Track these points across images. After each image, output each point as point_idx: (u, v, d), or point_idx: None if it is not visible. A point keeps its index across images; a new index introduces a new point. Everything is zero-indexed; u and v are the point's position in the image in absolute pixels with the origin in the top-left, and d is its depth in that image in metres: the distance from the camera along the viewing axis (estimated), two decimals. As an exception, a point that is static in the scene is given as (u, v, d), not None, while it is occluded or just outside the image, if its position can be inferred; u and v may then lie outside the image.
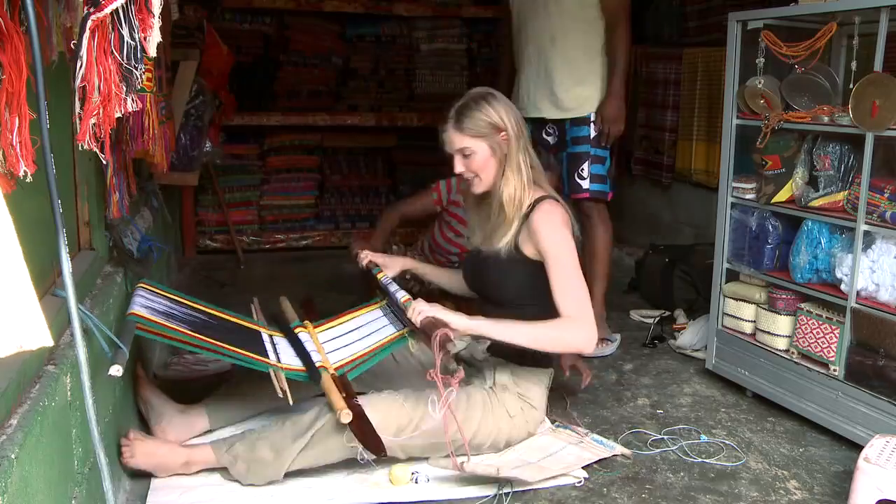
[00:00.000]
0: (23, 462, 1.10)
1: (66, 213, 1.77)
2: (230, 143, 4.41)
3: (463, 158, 2.08)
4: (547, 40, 2.89)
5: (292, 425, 1.92)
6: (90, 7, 0.99)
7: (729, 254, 2.64)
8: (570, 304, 1.97)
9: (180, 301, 2.07)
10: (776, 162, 2.41)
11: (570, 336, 1.97)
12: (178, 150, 3.01)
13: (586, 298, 2.00)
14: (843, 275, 2.23)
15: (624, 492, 1.98)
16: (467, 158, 2.07)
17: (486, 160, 2.07)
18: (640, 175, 4.80)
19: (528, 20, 2.91)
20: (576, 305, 1.97)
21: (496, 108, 2.05)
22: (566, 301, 1.97)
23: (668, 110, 4.38)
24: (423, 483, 1.95)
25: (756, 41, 2.43)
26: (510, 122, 2.05)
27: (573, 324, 1.96)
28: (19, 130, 0.96)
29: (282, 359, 2.02)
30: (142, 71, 1.08)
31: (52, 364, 1.38)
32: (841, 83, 2.49)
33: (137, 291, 1.97)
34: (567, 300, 1.97)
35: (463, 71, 4.87)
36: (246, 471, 1.89)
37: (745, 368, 2.59)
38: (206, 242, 4.52)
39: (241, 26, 4.53)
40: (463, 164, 2.08)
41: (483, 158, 2.06)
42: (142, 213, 2.71)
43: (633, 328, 3.37)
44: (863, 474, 1.77)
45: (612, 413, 2.47)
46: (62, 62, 1.23)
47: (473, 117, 2.04)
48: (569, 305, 1.97)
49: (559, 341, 1.99)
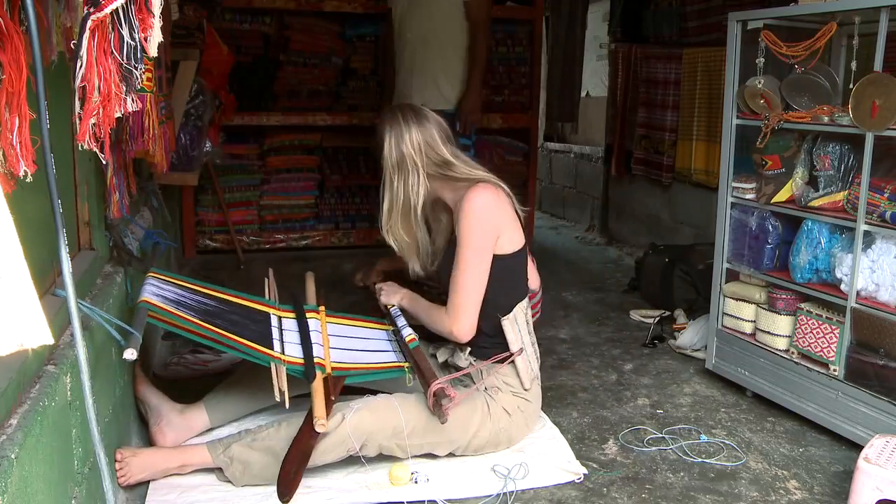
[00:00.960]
0: (23, 462, 1.10)
1: (66, 212, 1.77)
2: (230, 143, 4.41)
3: None
4: (424, 41, 3.34)
5: (287, 427, 1.92)
6: (90, 7, 0.99)
7: (729, 254, 2.64)
8: (451, 293, 2.07)
9: (191, 287, 2.09)
10: (776, 162, 2.41)
11: (439, 326, 2.12)
12: (178, 150, 3.00)
13: (465, 291, 2.05)
14: (842, 275, 2.22)
15: (624, 492, 1.98)
16: None
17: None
18: (640, 175, 4.80)
19: (408, 27, 3.32)
20: (453, 296, 2.06)
21: (382, 137, 2.13)
22: (450, 290, 2.08)
23: (668, 110, 4.38)
24: (423, 483, 1.95)
25: (756, 41, 2.43)
26: (388, 147, 2.11)
27: (444, 314, 2.09)
28: (19, 130, 0.96)
29: (286, 349, 2.02)
30: (142, 71, 1.08)
31: (52, 364, 1.38)
32: (841, 83, 2.49)
33: (147, 280, 1.98)
34: (450, 289, 2.07)
35: (463, 71, 4.87)
36: (241, 473, 1.90)
37: (745, 368, 2.59)
38: (206, 242, 4.52)
39: (241, 26, 4.52)
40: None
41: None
42: (142, 212, 2.71)
43: (633, 328, 3.37)
44: (863, 474, 1.77)
45: (612, 413, 2.47)
46: (62, 62, 1.23)
47: (379, 149, 2.14)
48: (450, 295, 2.08)
49: (432, 325, 2.15)
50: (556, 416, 2.41)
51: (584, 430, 2.35)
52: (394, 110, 2.18)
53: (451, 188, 2.14)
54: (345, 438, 1.89)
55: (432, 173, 2.11)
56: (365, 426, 1.92)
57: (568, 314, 3.58)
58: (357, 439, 1.90)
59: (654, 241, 4.36)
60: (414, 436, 1.97)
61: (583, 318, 3.52)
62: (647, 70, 4.58)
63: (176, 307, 1.91)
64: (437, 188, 2.15)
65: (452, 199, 2.15)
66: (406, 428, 1.95)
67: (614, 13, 5.10)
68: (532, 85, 5.01)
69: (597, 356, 3.01)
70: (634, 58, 4.75)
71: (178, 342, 2.93)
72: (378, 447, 1.95)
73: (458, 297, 2.06)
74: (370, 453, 1.95)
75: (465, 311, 2.06)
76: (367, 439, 1.93)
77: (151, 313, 1.82)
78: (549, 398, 2.56)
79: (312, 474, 1.96)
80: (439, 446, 2.03)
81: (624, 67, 4.85)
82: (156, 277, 2.02)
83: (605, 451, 2.21)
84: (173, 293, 1.99)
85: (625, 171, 4.98)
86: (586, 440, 2.28)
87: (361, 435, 1.91)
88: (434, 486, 1.95)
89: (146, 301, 1.84)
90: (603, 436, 2.30)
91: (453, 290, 2.06)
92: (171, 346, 2.91)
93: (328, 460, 1.92)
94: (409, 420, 1.96)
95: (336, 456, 1.91)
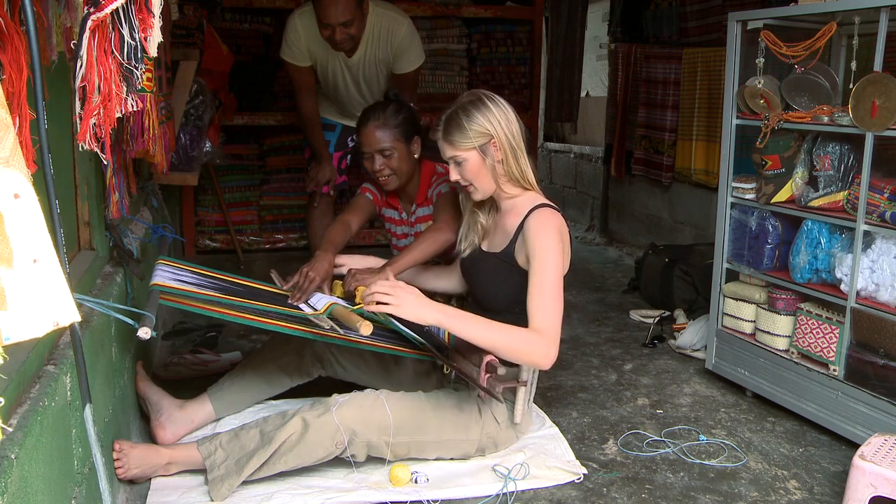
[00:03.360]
0: (23, 462, 1.10)
1: (66, 212, 1.77)
2: (230, 143, 4.41)
3: (456, 166, 2.04)
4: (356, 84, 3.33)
5: (276, 417, 1.93)
6: (90, 7, 0.99)
7: (729, 254, 2.64)
8: (540, 315, 1.87)
9: (202, 272, 2.09)
10: (776, 162, 2.41)
11: (528, 348, 1.84)
12: (178, 150, 3.00)
13: (557, 315, 1.89)
14: (842, 275, 2.23)
15: (624, 492, 1.98)
16: (459, 166, 2.03)
17: (477, 168, 2.01)
18: (640, 175, 4.80)
19: (340, 79, 3.30)
20: (544, 318, 1.86)
21: (485, 114, 1.97)
22: (537, 312, 1.88)
23: (668, 110, 4.38)
24: (423, 483, 1.95)
25: (756, 41, 2.43)
26: (500, 129, 1.98)
27: (536, 336, 1.85)
28: (19, 130, 0.96)
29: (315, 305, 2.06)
30: (142, 71, 1.08)
31: (52, 364, 1.38)
32: (841, 83, 2.49)
33: (158, 266, 1.99)
34: (537, 311, 1.88)
35: (463, 71, 4.86)
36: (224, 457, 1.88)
37: (744, 368, 2.59)
38: (205, 242, 4.53)
39: (241, 26, 4.51)
40: (457, 172, 2.05)
41: (474, 167, 2.00)
42: (142, 213, 2.71)
43: (633, 328, 3.37)
44: (857, 471, 1.77)
45: (612, 413, 2.47)
46: (62, 62, 1.23)
47: (460, 126, 1.98)
48: (538, 317, 1.87)
49: (516, 351, 1.86)
50: (556, 416, 2.41)
51: (584, 430, 2.35)
52: (485, 100, 2.02)
53: (516, 193, 2.07)
54: (333, 431, 1.88)
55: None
56: (352, 419, 1.90)
57: (568, 314, 3.58)
58: (345, 431, 1.89)
59: (654, 241, 4.37)
60: (401, 433, 1.95)
61: (583, 318, 3.52)
62: (647, 70, 4.58)
63: (188, 286, 1.91)
64: (503, 183, 2.05)
65: (512, 204, 2.07)
66: (393, 424, 1.94)
67: (614, 13, 5.10)
68: (532, 85, 5.01)
69: (597, 356, 3.01)
70: (634, 58, 4.75)
71: (179, 342, 2.93)
72: (366, 445, 1.93)
73: (551, 319, 1.87)
74: (359, 454, 1.93)
75: (558, 333, 1.88)
76: (354, 435, 1.90)
77: (164, 295, 1.82)
78: (549, 398, 2.56)
79: (312, 474, 1.96)
80: (427, 446, 2.01)
81: (624, 67, 4.85)
82: (166, 264, 2.03)
83: (605, 451, 2.21)
84: (186, 274, 2.00)
85: (625, 171, 4.98)
86: (586, 440, 2.28)
87: (348, 428, 1.89)
88: (434, 486, 1.95)
89: (158, 284, 1.85)
90: (603, 436, 2.30)
91: (544, 312, 1.87)
92: (171, 346, 2.91)
93: (320, 455, 1.90)
94: (397, 417, 1.95)
95: (326, 451, 1.89)
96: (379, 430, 1.94)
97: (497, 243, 2.11)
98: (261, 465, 1.85)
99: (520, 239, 2.02)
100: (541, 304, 1.88)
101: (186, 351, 2.79)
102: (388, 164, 2.42)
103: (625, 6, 4.95)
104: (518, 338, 1.84)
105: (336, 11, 2.88)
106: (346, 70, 3.23)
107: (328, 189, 3.47)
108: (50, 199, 1.06)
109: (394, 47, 3.15)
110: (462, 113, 1.99)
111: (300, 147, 4.72)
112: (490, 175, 2.02)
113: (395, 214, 2.65)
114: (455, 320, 1.85)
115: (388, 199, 2.64)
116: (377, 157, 2.43)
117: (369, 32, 3.11)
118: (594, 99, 6.55)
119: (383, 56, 3.18)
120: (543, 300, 1.88)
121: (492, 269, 2.09)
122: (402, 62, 3.19)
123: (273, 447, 1.85)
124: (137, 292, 2.18)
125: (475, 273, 2.17)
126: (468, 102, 2.01)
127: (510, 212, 2.08)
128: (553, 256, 1.92)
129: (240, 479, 1.84)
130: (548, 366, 1.86)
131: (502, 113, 2.00)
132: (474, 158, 2.00)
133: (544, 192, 2.12)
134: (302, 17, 3.10)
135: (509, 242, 2.04)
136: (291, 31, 3.14)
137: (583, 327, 3.39)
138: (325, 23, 2.93)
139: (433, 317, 1.82)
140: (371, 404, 1.95)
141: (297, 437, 1.86)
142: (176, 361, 2.70)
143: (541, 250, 1.92)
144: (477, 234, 2.17)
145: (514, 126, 2.02)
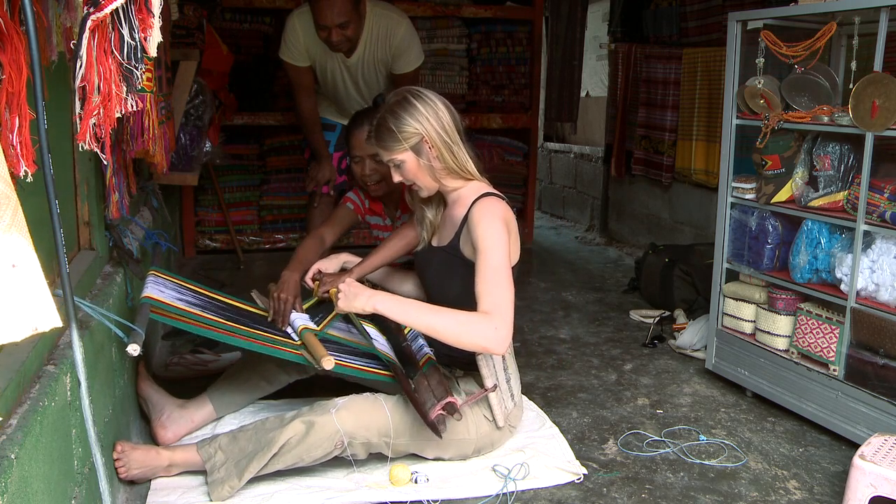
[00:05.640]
0: (23, 462, 1.10)
1: (66, 212, 1.77)
2: (230, 143, 4.41)
3: (395, 168, 2.03)
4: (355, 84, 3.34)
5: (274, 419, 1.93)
6: (90, 7, 0.99)
7: (729, 254, 2.64)
8: (486, 297, 1.81)
9: (190, 287, 2.11)
10: (776, 162, 2.41)
11: (477, 331, 1.77)
12: (178, 150, 3.00)
13: (505, 297, 1.82)
14: (842, 275, 2.23)
15: (624, 492, 1.98)
16: (398, 168, 2.02)
17: (415, 168, 1.99)
18: (640, 175, 4.80)
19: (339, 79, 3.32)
20: (490, 300, 1.80)
21: (413, 115, 1.95)
22: (483, 294, 1.82)
23: (667, 110, 4.38)
24: (423, 483, 1.95)
25: (756, 41, 2.43)
26: (429, 126, 1.95)
27: (480, 317, 1.78)
28: (19, 130, 0.96)
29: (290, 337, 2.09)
30: (142, 71, 1.08)
31: (51, 364, 1.38)
32: (841, 83, 2.49)
33: (149, 277, 2.00)
34: (483, 293, 1.82)
35: (463, 71, 4.87)
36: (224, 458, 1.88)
37: (744, 368, 2.59)
38: (205, 242, 4.53)
39: (241, 26, 4.52)
40: (397, 173, 2.04)
41: (412, 167, 1.99)
42: (142, 212, 2.71)
43: (633, 328, 3.37)
44: (857, 471, 1.77)
45: (611, 413, 2.47)
46: (62, 62, 1.23)
47: (390, 130, 1.96)
48: (484, 299, 1.81)
49: (465, 335, 1.79)
50: (556, 416, 2.41)
51: (584, 430, 2.35)
52: (412, 100, 1.99)
53: (458, 184, 2.06)
54: (333, 433, 1.88)
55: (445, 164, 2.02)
56: (351, 422, 1.91)
57: (568, 314, 3.58)
58: (345, 434, 1.89)
59: (654, 241, 4.37)
60: (401, 435, 1.97)
61: (583, 318, 3.52)
62: (647, 70, 4.58)
63: (178, 301, 1.93)
64: (444, 177, 2.03)
65: (457, 196, 2.06)
66: (392, 426, 1.95)
67: (614, 13, 5.10)
68: (532, 85, 5.01)
69: (597, 356, 3.01)
70: (634, 58, 4.75)
71: (179, 342, 2.93)
72: (366, 445, 1.94)
73: (498, 300, 1.80)
74: (359, 453, 1.94)
75: (508, 315, 1.81)
76: (354, 437, 1.91)
77: (154, 308, 1.84)
78: (549, 398, 2.56)
79: (312, 474, 1.96)
80: (427, 446, 2.02)
81: (624, 67, 4.85)
82: (157, 276, 2.04)
83: (605, 451, 2.21)
84: (175, 290, 2.01)
85: (625, 171, 4.98)
86: (586, 440, 2.28)
87: (348, 431, 1.90)
88: (434, 486, 1.95)
89: (149, 297, 1.86)
90: (603, 436, 2.30)
91: (492, 296, 1.81)
92: (171, 346, 2.91)
93: (318, 455, 1.90)
94: (396, 419, 1.96)
95: (325, 451, 1.89)
96: (379, 432, 1.94)
97: (444, 237, 2.11)
98: (261, 468, 1.86)
99: (464, 230, 2.01)
100: (485, 288, 1.82)
101: (186, 351, 2.79)
102: (378, 170, 2.42)
103: (625, 6, 4.95)
104: (461, 319, 1.79)
105: (332, 13, 2.89)
106: (345, 70, 3.23)
107: (328, 189, 3.47)
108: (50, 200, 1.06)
109: (392, 47, 3.15)
110: (390, 116, 1.97)
111: (300, 147, 4.73)
112: (429, 173, 2.01)
113: (380, 221, 2.65)
114: (396, 306, 1.85)
115: (371, 207, 2.63)
116: (368, 161, 2.43)
117: (368, 33, 3.11)
118: (594, 99, 6.55)
119: (382, 56, 3.18)
120: (488, 284, 1.83)
121: (440, 263, 2.10)
122: (401, 62, 3.19)
123: (273, 450, 1.85)
124: (137, 292, 2.18)
125: (425, 269, 2.18)
126: (395, 104, 1.98)
127: (456, 203, 2.08)
128: (496, 242, 1.88)
129: (241, 482, 1.84)
130: (499, 350, 1.80)
131: (430, 109, 1.97)
132: (410, 159, 1.99)
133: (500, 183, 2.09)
134: (301, 18, 3.11)
135: (454, 235, 2.05)
136: (290, 31, 3.14)
137: (583, 327, 3.39)
138: (321, 24, 2.93)
139: (371, 305, 1.85)
140: (370, 407, 1.95)
141: (297, 439, 1.86)
142: (176, 361, 2.70)
143: (483, 237, 1.89)
144: (426, 231, 2.18)
145: (446, 119, 1.99)
